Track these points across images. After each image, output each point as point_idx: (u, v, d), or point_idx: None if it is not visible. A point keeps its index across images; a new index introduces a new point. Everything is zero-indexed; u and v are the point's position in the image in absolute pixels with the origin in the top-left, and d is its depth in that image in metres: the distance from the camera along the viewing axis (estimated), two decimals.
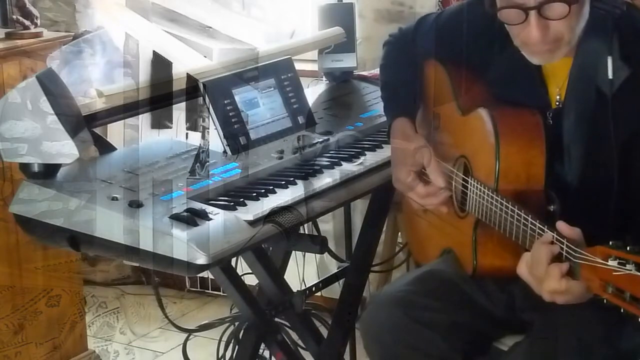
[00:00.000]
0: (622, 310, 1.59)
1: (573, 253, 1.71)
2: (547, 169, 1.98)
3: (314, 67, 3.11)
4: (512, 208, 1.89)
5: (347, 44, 2.95)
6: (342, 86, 2.96)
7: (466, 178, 2.10)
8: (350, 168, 2.40)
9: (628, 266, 1.56)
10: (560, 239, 1.75)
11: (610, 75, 1.90)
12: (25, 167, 2.17)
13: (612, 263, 1.59)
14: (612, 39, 1.91)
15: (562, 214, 1.93)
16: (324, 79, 3.04)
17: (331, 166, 2.40)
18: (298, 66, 2.70)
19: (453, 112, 2.21)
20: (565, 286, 1.73)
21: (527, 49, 1.98)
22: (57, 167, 2.17)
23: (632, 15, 1.97)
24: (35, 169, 2.16)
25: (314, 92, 2.88)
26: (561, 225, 1.76)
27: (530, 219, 1.83)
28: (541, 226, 1.80)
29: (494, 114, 2.03)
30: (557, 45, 1.95)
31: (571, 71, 2.00)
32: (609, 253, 1.61)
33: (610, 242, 1.62)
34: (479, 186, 2.03)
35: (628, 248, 1.59)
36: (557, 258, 1.75)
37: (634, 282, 1.56)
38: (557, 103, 2.03)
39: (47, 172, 2.16)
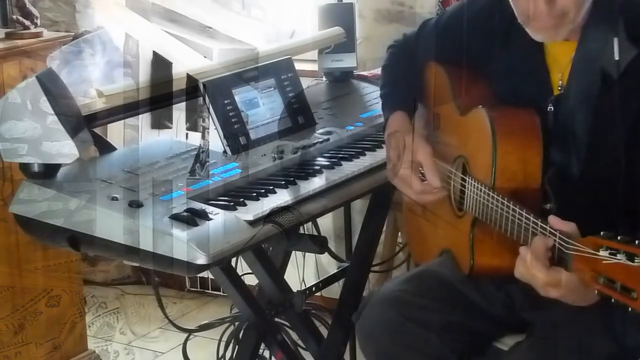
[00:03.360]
0: (612, 300, 1.58)
1: (565, 244, 1.71)
2: (545, 168, 1.98)
3: (314, 67, 3.12)
4: (509, 205, 1.89)
5: (347, 44, 2.96)
6: (342, 86, 2.96)
7: (464, 177, 2.11)
8: (350, 168, 2.41)
9: (619, 256, 1.56)
10: (553, 232, 1.75)
11: (616, 57, 1.90)
12: (25, 167, 2.18)
13: (603, 253, 1.59)
14: (618, 20, 1.91)
15: (562, 208, 1.93)
16: (324, 79, 3.04)
17: (331, 166, 2.40)
18: (298, 66, 2.70)
19: (452, 112, 2.21)
20: (553, 276, 1.73)
21: (531, 25, 1.98)
22: (57, 167, 2.17)
23: None
24: (35, 169, 2.16)
25: (314, 92, 2.88)
26: (553, 219, 1.76)
27: (525, 215, 1.84)
28: (535, 221, 1.80)
29: (492, 113, 2.04)
30: (562, 21, 1.94)
31: (575, 55, 1.99)
32: (600, 243, 1.60)
33: (602, 233, 1.62)
34: (476, 185, 2.03)
35: (619, 238, 1.58)
36: (550, 251, 1.76)
37: (624, 272, 1.55)
38: (560, 89, 2.03)
39: (47, 172, 2.16)
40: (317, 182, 2.30)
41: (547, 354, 1.95)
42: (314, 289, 2.80)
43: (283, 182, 2.26)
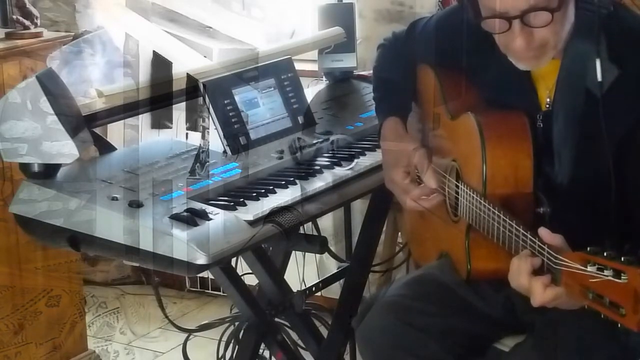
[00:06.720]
0: (602, 316, 1.58)
1: (553, 260, 1.71)
2: (536, 172, 1.98)
3: (314, 67, 3.11)
4: (499, 214, 1.88)
5: (347, 44, 2.95)
6: (342, 86, 2.96)
7: (458, 183, 2.10)
8: (350, 168, 2.40)
9: (606, 272, 1.55)
10: (542, 246, 1.74)
11: (599, 78, 1.89)
12: (25, 167, 2.17)
13: (591, 269, 1.58)
14: (599, 40, 1.90)
15: (553, 216, 1.92)
16: (324, 79, 3.04)
17: (331, 166, 2.40)
18: (298, 66, 2.70)
19: (443, 116, 2.21)
20: (551, 296, 1.74)
21: (513, 56, 1.98)
22: (57, 167, 2.17)
23: (619, 15, 1.96)
24: (35, 169, 2.16)
25: (314, 92, 2.88)
26: (543, 231, 1.75)
27: (515, 226, 1.83)
28: (525, 233, 1.80)
29: (480, 118, 2.03)
30: (542, 51, 1.94)
31: (560, 74, 1.99)
32: (587, 259, 1.60)
33: (588, 248, 1.61)
34: (468, 192, 2.02)
35: (605, 254, 1.57)
36: (539, 266, 1.76)
37: (612, 288, 1.55)
38: (547, 105, 2.03)
39: (47, 172, 2.16)
40: (317, 182, 2.30)
41: (548, 354, 1.95)
42: (314, 289, 2.80)
43: (283, 182, 2.26)
